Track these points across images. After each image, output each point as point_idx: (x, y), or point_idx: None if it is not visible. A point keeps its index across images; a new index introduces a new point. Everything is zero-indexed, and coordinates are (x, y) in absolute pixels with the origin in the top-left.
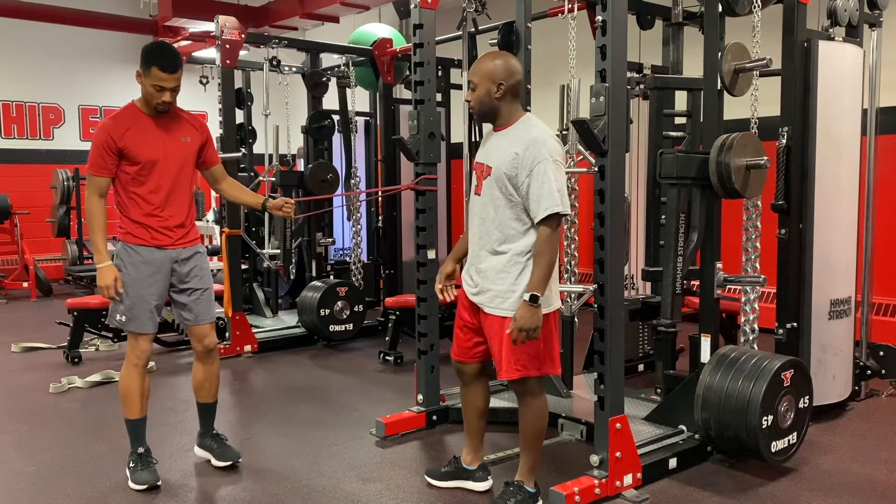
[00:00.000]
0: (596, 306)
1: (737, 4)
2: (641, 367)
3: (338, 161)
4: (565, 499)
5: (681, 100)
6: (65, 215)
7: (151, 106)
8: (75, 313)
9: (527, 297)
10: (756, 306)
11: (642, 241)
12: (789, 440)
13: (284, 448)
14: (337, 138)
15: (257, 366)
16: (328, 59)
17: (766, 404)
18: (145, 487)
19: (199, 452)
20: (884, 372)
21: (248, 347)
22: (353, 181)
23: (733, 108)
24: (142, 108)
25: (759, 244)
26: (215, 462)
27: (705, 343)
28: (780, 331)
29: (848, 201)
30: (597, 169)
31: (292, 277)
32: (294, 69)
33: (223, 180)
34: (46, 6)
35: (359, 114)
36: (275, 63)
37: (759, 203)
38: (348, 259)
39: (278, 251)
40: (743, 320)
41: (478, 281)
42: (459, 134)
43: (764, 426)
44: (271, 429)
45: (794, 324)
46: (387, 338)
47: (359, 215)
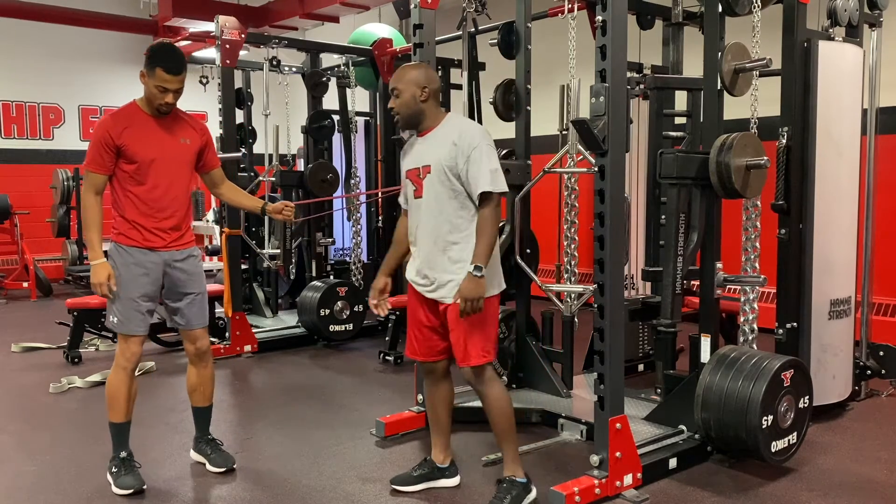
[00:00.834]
0: (596, 306)
1: (737, 4)
2: (641, 367)
3: (338, 161)
4: (565, 499)
5: (681, 100)
6: (65, 215)
7: (154, 106)
8: (75, 313)
9: (471, 268)
10: (755, 306)
11: (642, 241)
12: (789, 440)
13: (284, 448)
14: (337, 138)
15: (257, 366)
16: (328, 59)
17: (766, 404)
18: (130, 492)
19: (195, 456)
20: (884, 372)
21: (248, 347)
22: (353, 181)
23: (733, 108)
24: (143, 107)
25: (758, 244)
26: (209, 467)
27: (705, 343)
28: (780, 331)
29: (848, 201)
30: (597, 169)
31: (292, 277)
32: (294, 69)
33: (222, 184)
34: (46, 6)
35: (359, 114)
36: (275, 63)
37: (759, 203)
38: (348, 259)
39: (278, 251)
40: (742, 320)
41: (434, 277)
42: None
43: (764, 426)
44: (271, 429)
45: (794, 324)
46: (387, 338)
47: (359, 215)
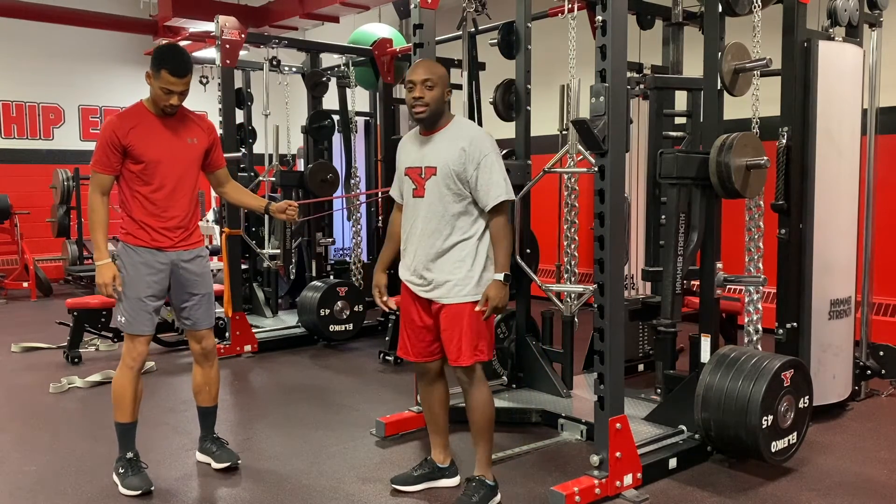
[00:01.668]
0: (596, 306)
1: (737, 4)
2: (641, 367)
3: (338, 161)
4: (565, 499)
5: (681, 100)
6: (65, 215)
7: (159, 107)
8: (75, 313)
9: (500, 276)
10: (759, 307)
11: (642, 241)
12: (789, 440)
13: (284, 448)
14: (337, 138)
15: (257, 366)
16: (328, 59)
17: (766, 404)
18: (138, 493)
19: (200, 457)
20: (884, 372)
21: (248, 347)
22: (353, 181)
23: (733, 108)
24: (149, 107)
25: (761, 244)
26: (214, 464)
27: (705, 343)
28: (781, 331)
29: (848, 201)
30: (597, 169)
31: (292, 277)
32: (294, 69)
33: (227, 183)
34: (46, 6)
35: (359, 114)
36: (275, 63)
37: (762, 203)
38: (348, 259)
39: (278, 251)
40: (746, 321)
41: (432, 277)
42: None
43: (764, 426)
44: (271, 429)
45: (795, 324)
46: (387, 338)
47: (359, 215)
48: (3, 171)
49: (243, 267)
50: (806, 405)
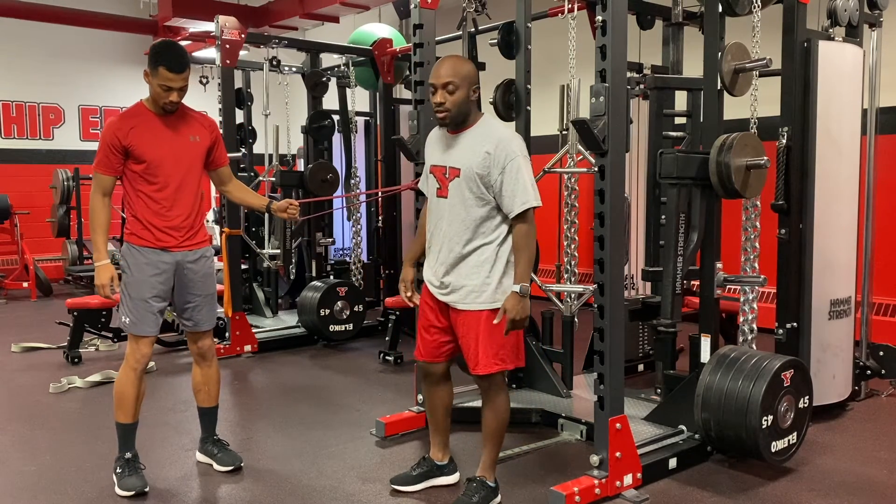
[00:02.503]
0: (596, 306)
1: (737, 4)
2: (641, 367)
3: (338, 161)
4: (565, 499)
5: (681, 100)
6: (65, 215)
7: (159, 105)
8: (75, 313)
9: (517, 288)
10: (755, 306)
11: (642, 241)
12: (789, 440)
13: (284, 448)
14: (337, 138)
15: (257, 366)
16: (328, 59)
17: (766, 404)
18: (133, 494)
19: (201, 458)
20: (884, 372)
21: (248, 347)
22: (353, 181)
23: (733, 108)
24: (150, 106)
25: (758, 244)
26: (217, 467)
27: (705, 343)
28: (780, 331)
29: (848, 201)
30: (597, 169)
31: (292, 277)
32: (294, 69)
33: (229, 182)
34: (46, 6)
35: (359, 114)
36: (275, 63)
37: (759, 203)
38: (348, 259)
39: (278, 251)
40: (742, 320)
41: (449, 281)
42: None
43: (764, 426)
44: (271, 429)
45: (794, 324)
46: (387, 338)
47: (359, 215)
48: (3, 171)
49: (243, 267)
50: (806, 405)
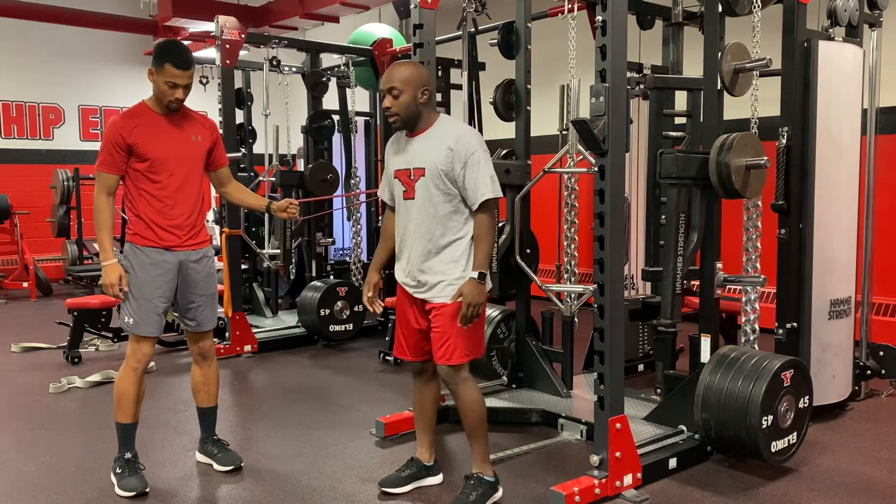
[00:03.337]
0: (596, 306)
1: (737, 4)
2: (641, 367)
3: (338, 161)
4: (565, 499)
5: (681, 100)
6: (65, 215)
7: (163, 104)
8: (75, 313)
9: (475, 274)
10: (757, 306)
11: (642, 241)
12: (789, 440)
13: (284, 448)
14: (337, 138)
15: (257, 366)
16: (328, 59)
17: (766, 404)
18: (133, 494)
19: (201, 458)
20: (884, 372)
21: (248, 347)
22: (352, 181)
23: (733, 108)
24: (152, 106)
25: (759, 244)
26: (217, 467)
27: (705, 343)
28: (780, 331)
29: (848, 201)
30: (597, 169)
31: (292, 277)
32: (294, 69)
33: (229, 183)
34: (46, 6)
35: (359, 114)
36: (275, 63)
37: (760, 203)
38: (348, 259)
39: (278, 251)
40: (744, 320)
41: (426, 279)
42: None
43: (764, 426)
44: (271, 429)
45: (794, 324)
46: (387, 338)
47: (359, 215)
48: (3, 171)
49: (243, 267)
50: (806, 405)
